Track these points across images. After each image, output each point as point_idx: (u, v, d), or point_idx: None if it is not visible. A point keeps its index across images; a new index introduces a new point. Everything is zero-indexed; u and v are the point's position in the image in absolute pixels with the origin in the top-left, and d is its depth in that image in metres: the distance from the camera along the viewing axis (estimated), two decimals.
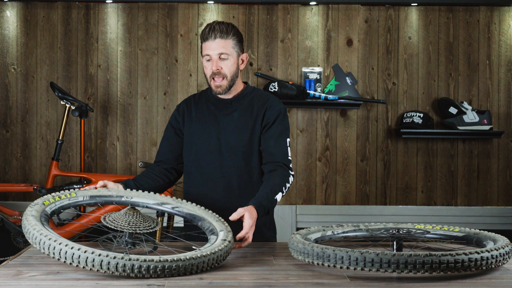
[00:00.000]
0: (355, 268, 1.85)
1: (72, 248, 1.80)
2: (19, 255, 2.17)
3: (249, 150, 2.57)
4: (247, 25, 4.77)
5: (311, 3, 4.76)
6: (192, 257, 1.88)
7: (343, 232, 2.35)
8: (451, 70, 4.82)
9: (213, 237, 2.13)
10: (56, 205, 2.16)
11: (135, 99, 4.75)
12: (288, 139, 2.58)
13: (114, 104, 4.73)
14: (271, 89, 4.62)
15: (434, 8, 4.80)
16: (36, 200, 2.12)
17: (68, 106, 4.31)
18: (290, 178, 2.52)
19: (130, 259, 1.79)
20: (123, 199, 2.32)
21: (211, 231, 2.18)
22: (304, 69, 4.76)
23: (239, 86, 2.64)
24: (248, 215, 2.28)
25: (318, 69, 4.77)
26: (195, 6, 4.75)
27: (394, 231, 2.18)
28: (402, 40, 4.81)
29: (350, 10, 4.79)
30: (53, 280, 1.84)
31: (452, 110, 4.69)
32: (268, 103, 2.60)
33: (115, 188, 2.39)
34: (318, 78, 4.76)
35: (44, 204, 2.11)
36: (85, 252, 1.79)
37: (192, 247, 2.18)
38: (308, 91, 4.66)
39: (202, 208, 2.33)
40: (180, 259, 1.85)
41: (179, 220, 3.44)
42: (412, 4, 4.77)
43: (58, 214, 3.47)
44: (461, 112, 4.67)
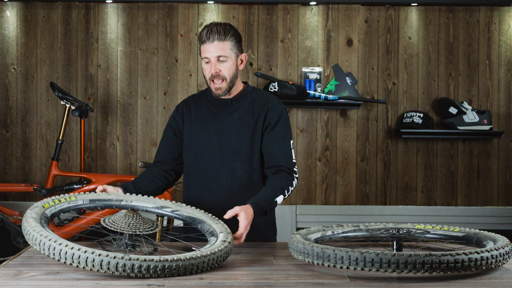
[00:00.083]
0: (355, 268, 1.85)
1: (72, 248, 1.80)
2: (19, 255, 2.17)
3: (250, 150, 2.56)
4: (247, 25, 4.77)
5: (311, 3, 4.75)
6: (192, 257, 1.88)
7: (343, 232, 2.35)
8: (451, 70, 4.82)
9: (213, 238, 2.14)
10: (56, 208, 2.17)
11: (135, 99, 4.75)
12: (291, 141, 2.59)
13: (114, 104, 4.73)
14: (271, 89, 4.62)
15: (434, 8, 4.80)
16: (36, 203, 2.13)
17: (68, 106, 4.31)
18: (294, 182, 2.53)
19: (130, 259, 1.79)
20: (122, 203, 2.33)
21: (211, 233, 2.18)
22: (304, 69, 4.76)
23: (239, 86, 2.63)
24: (244, 215, 2.28)
25: (318, 69, 4.77)
26: (195, 6, 4.75)
27: (394, 231, 2.18)
28: (402, 40, 4.81)
29: (350, 10, 4.79)
30: (53, 280, 1.84)
31: (452, 110, 4.69)
32: (270, 104, 2.60)
33: (115, 192, 2.39)
34: (318, 78, 4.76)
35: (44, 207, 2.13)
36: (85, 252, 1.79)
37: (192, 248, 2.18)
38: (308, 91, 4.66)
39: (201, 211, 2.34)
40: (180, 259, 1.85)
41: (179, 221, 3.45)
42: (412, 4, 4.77)
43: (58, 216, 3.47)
44: (461, 112, 4.67)
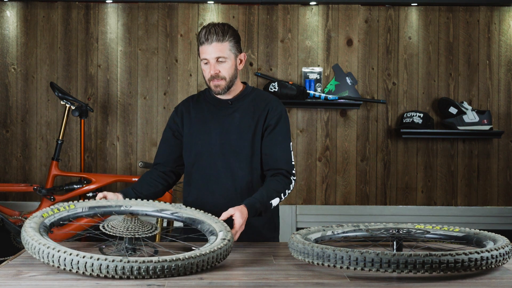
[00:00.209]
0: (355, 268, 1.85)
1: (70, 254, 1.81)
2: (19, 255, 2.17)
3: (250, 151, 2.57)
4: (247, 25, 4.76)
5: (311, 3, 4.75)
6: (191, 256, 1.88)
7: (343, 232, 2.35)
8: (451, 70, 4.82)
9: (212, 237, 2.14)
10: (55, 217, 2.18)
11: (135, 99, 4.75)
12: (291, 143, 2.60)
13: (114, 104, 4.73)
14: (271, 89, 4.62)
15: (434, 8, 4.80)
16: (35, 213, 2.14)
17: (68, 106, 4.31)
18: (291, 185, 2.56)
19: (128, 261, 1.79)
20: (122, 209, 2.34)
21: (210, 232, 2.18)
22: (304, 69, 4.76)
23: (238, 86, 2.63)
24: (239, 215, 2.30)
25: (318, 69, 4.77)
26: (195, 6, 4.74)
27: (394, 231, 2.18)
28: (402, 40, 4.81)
29: (350, 10, 4.79)
30: (53, 280, 1.84)
31: (452, 110, 4.69)
32: (270, 104, 2.61)
33: (114, 199, 2.40)
34: (318, 78, 4.76)
35: (43, 216, 2.14)
36: (83, 257, 1.79)
37: (192, 248, 2.18)
38: (308, 91, 4.66)
39: (201, 211, 2.34)
40: (179, 258, 1.85)
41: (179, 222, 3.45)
42: (412, 4, 4.77)
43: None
44: (461, 112, 4.67)
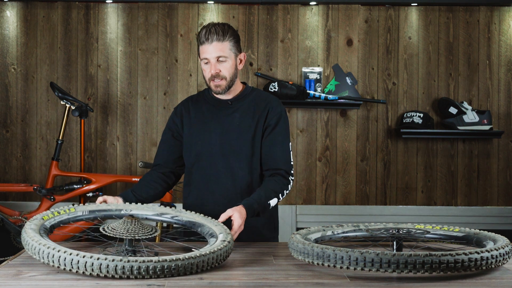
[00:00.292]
0: (355, 268, 1.85)
1: (70, 254, 1.81)
2: (19, 255, 2.17)
3: (251, 151, 2.57)
4: (247, 25, 4.76)
5: (311, 3, 4.75)
6: (191, 256, 1.88)
7: (343, 232, 2.35)
8: (451, 70, 4.82)
9: (212, 239, 2.14)
10: (55, 220, 2.19)
11: (135, 99, 4.75)
12: (290, 143, 2.61)
13: (114, 104, 4.73)
14: (271, 89, 4.62)
15: (434, 8, 4.80)
16: (35, 216, 2.15)
17: (68, 106, 4.31)
18: (289, 185, 2.57)
19: (128, 261, 1.79)
20: (122, 212, 2.34)
21: (210, 235, 2.19)
22: (304, 69, 4.76)
23: (238, 86, 2.64)
24: (237, 215, 2.31)
25: (318, 69, 4.77)
26: (195, 6, 4.74)
27: (394, 231, 2.18)
28: (402, 40, 4.81)
29: (350, 10, 4.79)
30: (53, 280, 1.84)
31: (452, 110, 4.69)
32: (270, 104, 2.61)
33: (114, 203, 2.40)
34: (318, 78, 4.76)
35: (43, 219, 2.15)
36: (83, 257, 1.80)
37: (192, 249, 2.18)
38: (308, 91, 4.66)
39: (201, 215, 2.36)
40: (179, 258, 1.85)
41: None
42: (412, 4, 4.77)
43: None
44: (461, 112, 4.67)
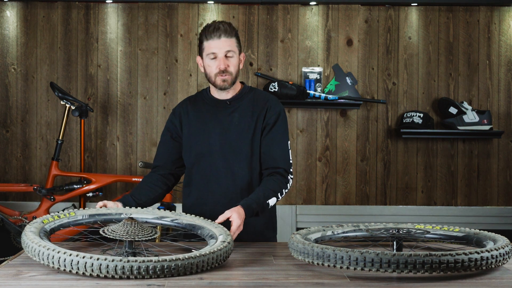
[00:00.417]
0: (355, 268, 1.85)
1: (70, 255, 1.82)
2: (19, 255, 2.17)
3: (250, 150, 2.57)
4: (247, 25, 4.76)
5: (311, 3, 4.75)
6: (191, 256, 1.88)
7: (343, 232, 2.35)
8: (451, 70, 4.82)
9: (212, 240, 2.15)
10: (55, 223, 2.20)
11: (135, 99, 4.75)
12: (288, 141, 2.61)
13: (114, 104, 4.73)
14: (271, 89, 4.62)
15: (434, 8, 4.80)
16: (36, 219, 2.16)
17: (68, 106, 4.31)
18: (288, 184, 2.56)
19: (128, 261, 1.79)
20: (122, 216, 2.35)
21: (210, 236, 2.20)
22: (304, 69, 4.76)
23: (237, 85, 2.64)
24: (236, 216, 2.32)
25: (318, 69, 4.77)
26: (195, 6, 4.74)
27: (394, 231, 2.18)
28: (402, 40, 4.81)
29: (350, 10, 4.79)
30: (53, 280, 1.84)
31: (452, 110, 4.69)
32: (269, 104, 2.62)
33: (114, 207, 2.40)
34: (318, 78, 4.76)
35: (43, 222, 2.16)
36: (83, 257, 1.80)
37: (192, 249, 2.18)
38: (308, 91, 4.66)
39: (200, 218, 2.36)
40: (179, 258, 1.86)
41: None
42: (412, 4, 4.77)
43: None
44: (461, 112, 4.67)
